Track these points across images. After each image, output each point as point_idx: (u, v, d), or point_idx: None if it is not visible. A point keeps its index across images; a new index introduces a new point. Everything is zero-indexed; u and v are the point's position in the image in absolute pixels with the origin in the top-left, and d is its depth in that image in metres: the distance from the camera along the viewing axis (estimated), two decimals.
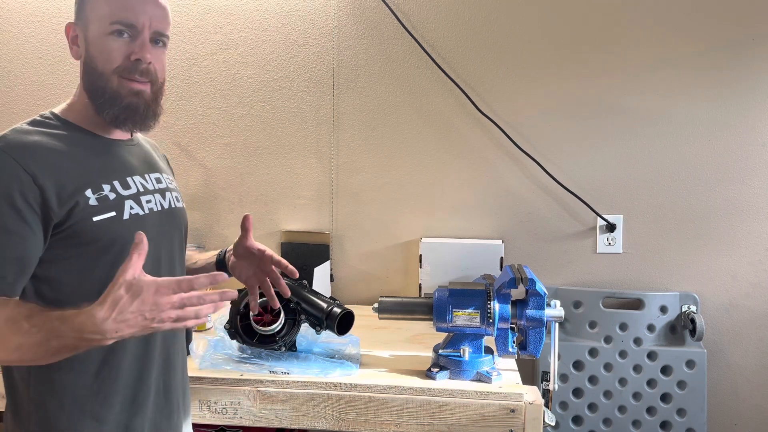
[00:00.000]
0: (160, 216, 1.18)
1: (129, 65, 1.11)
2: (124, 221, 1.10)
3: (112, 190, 1.10)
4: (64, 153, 1.07)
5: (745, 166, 1.99)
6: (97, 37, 1.11)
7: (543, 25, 2.02)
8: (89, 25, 1.12)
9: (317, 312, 1.53)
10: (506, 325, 1.44)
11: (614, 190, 2.04)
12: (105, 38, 1.10)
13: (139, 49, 1.11)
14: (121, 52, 1.10)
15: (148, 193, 1.17)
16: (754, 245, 2.01)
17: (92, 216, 1.06)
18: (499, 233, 2.08)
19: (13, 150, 1.02)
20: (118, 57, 1.10)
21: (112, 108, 1.11)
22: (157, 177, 1.22)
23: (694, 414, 1.95)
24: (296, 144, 2.14)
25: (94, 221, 1.06)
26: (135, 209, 1.12)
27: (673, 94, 1.99)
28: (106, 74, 1.11)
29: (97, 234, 1.06)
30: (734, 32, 1.95)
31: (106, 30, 1.10)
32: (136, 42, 1.11)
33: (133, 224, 1.10)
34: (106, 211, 1.08)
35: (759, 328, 2.03)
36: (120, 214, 1.09)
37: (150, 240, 1.05)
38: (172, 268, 1.22)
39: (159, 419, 1.16)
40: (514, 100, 2.04)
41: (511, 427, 1.35)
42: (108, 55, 1.10)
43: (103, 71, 1.11)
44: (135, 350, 1.11)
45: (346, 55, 2.09)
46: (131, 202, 1.12)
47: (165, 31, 1.15)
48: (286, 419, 1.41)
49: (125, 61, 1.11)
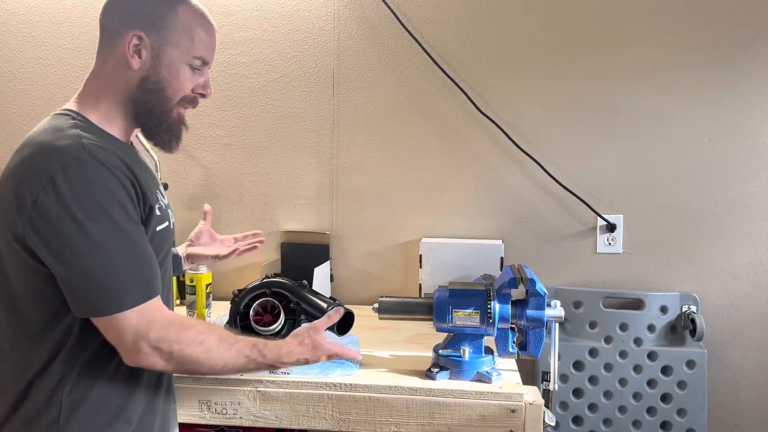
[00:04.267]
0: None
1: (193, 97, 1.17)
2: (170, 231, 1.19)
3: (162, 198, 1.18)
4: (128, 162, 1.07)
5: (745, 166, 1.99)
6: (175, 62, 1.12)
7: (543, 26, 2.02)
8: (167, 46, 1.11)
9: (317, 312, 1.53)
10: (506, 325, 1.44)
11: (614, 190, 2.04)
12: (183, 66, 1.14)
13: (205, 86, 1.18)
14: (192, 83, 1.16)
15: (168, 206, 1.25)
16: (754, 245, 2.01)
17: (156, 226, 1.11)
18: (499, 233, 2.08)
19: (108, 159, 1.02)
20: (188, 87, 1.15)
21: (168, 134, 1.16)
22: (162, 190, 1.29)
23: (694, 414, 1.95)
24: (296, 144, 2.14)
25: (158, 230, 1.12)
26: (172, 219, 1.22)
27: (673, 94, 1.99)
28: (173, 100, 1.14)
29: (157, 243, 1.11)
30: (734, 32, 1.95)
31: (187, 60, 1.13)
32: (204, 77, 1.18)
33: (171, 234, 1.20)
34: (164, 221, 1.15)
35: (759, 328, 2.03)
36: (169, 224, 1.18)
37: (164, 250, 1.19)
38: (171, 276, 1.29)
39: (165, 414, 1.20)
40: (515, 100, 2.04)
41: (511, 427, 1.35)
42: (181, 83, 1.14)
43: (171, 96, 1.14)
44: None
45: (346, 55, 2.09)
46: (170, 212, 1.22)
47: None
48: (286, 419, 1.41)
49: (191, 93, 1.16)
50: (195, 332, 1.07)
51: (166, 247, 1.18)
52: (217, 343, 1.09)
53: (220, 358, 1.09)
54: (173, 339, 1.03)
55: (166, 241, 1.16)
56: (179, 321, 1.07)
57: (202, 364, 1.07)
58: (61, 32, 2.17)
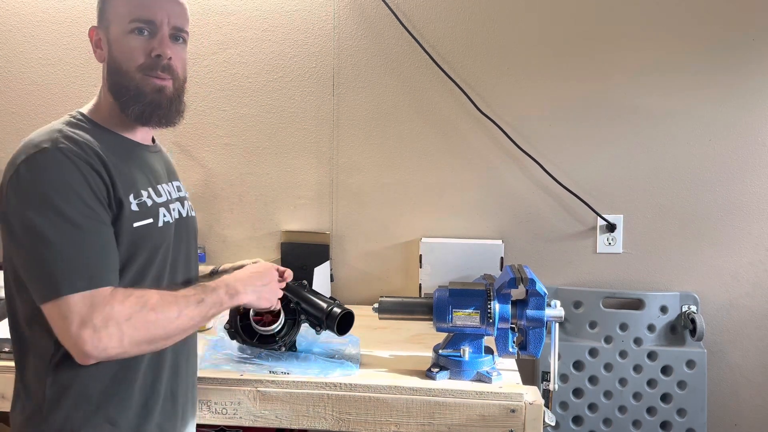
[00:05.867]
0: (179, 224, 1.21)
1: (151, 62, 1.12)
2: (158, 228, 1.13)
3: (149, 196, 1.13)
4: (109, 157, 1.08)
5: (745, 166, 1.99)
6: (118, 37, 1.13)
7: (543, 25, 2.02)
8: (110, 26, 1.13)
9: (317, 312, 1.53)
10: (506, 325, 1.44)
11: (614, 190, 2.04)
12: (126, 37, 1.12)
13: (159, 45, 1.12)
14: (142, 49, 1.12)
15: (173, 201, 1.21)
16: (754, 245, 2.01)
17: (133, 222, 1.08)
18: (499, 233, 2.08)
19: (72, 151, 1.03)
20: (139, 54, 1.12)
21: (136, 104, 1.13)
22: (177, 185, 1.27)
23: (694, 414, 1.95)
24: (296, 144, 2.14)
25: (135, 227, 1.09)
26: (166, 217, 1.16)
27: (673, 94, 1.99)
28: (130, 72, 1.12)
29: (134, 239, 1.08)
30: (734, 32, 1.95)
31: (126, 29, 1.12)
32: (155, 38, 1.13)
33: (164, 231, 1.15)
34: (145, 218, 1.11)
35: (759, 328, 2.03)
36: (156, 221, 1.13)
37: (170, 247, 1.16)
38: (188, 274, 1.25)
39: (165, 424, 1.17)
40: (515, 100, 2.04)
41: (511, 427, 1.35)
42: (130, 53, 1.12)
43: (127, 70, 1.12)
44: (149, 355, 1.12)
45: (346, 55, 2.09)
46: (164, 210, 1.16)
47: (184, 27, 1.17)
48: (286, 419, 1.41)
49: (147, 58, 1.12)
50: (135, 297, 1.02)
51: (151, 245, 1.12)
52: (160, 297, 1.04)
53: (170, 309, 1.04)
54: (117, 314, 0.98)
55: (150, 239, 1.11)
56: (120, 297, 1.01)
57: (155, 323, 1.02)
58: (61, 32, 2.17)
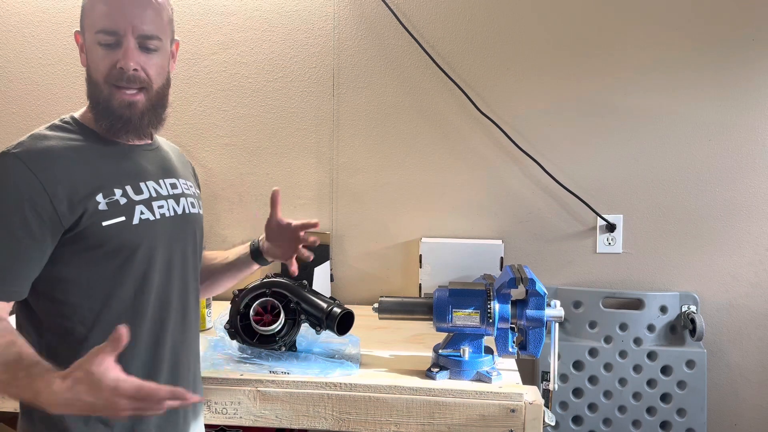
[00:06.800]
0: (173, 221, 1.18)
1: (116, 73, 1.09)
2: (133, 226, 1.10)
3: (123, 194, 1.10)
4: (78, 158, 1.08)
5: (745, 166, 1.99)
6: (90, 46, 1.11)
7: (543, 25, 2.02)
8: (85, 33, 1.12)
9: (317, 312, 1.53)
10: (506, 325, 1.44)
11: (614, 190, 2.04)
12: (94, 47, 1.10)
13: (122, 57, 1.08)
14: (107, 61, 1.09)
15: (161, 199, 1.17)
16: (754, 245, 2.01)
17: (102, 221, 1.07)
18: (499, 233, 2.08)
19: (27, 157, 1.03)
20: (104, 66, 1.09)
21: (106, 119, 1.11)
22: (172, 182, 1.22)
23: (694, 414, 1.95)
24: (296, 144, 2.14)
25: (104, 226, 1.07)
26: (146, 214, 1.12)
27: (673, 94, 1.99)
28: (99, 84, 1.10)
29: (105, 238, 1.07)
30: (734, 32, 1.95)
31: (93, 39, 1.09)
32: (120, 49, 1.08)
33: (143, 229, 1.11)
34: (115, 216, 1.08)
35: (759, 328, 2.03)
36: (129, 219, 1.10)
37: (162, 245, 1.15)
38: (185, 273, 1.22)
39: (164, 424, 1.16)
40: (514, 100, 2.04)
41: (511, 427, 1.35)
42: (97, 64, 1.10)
43: (97, 80, 1.11)
44: (144, 356, 1.12)
45: (346, 55, 2.09)
46: (142, 207, 1.12)
47: (154, 34, 1.11)
48: (286, 419, 1.41)
49: (112, 70, 1.09)
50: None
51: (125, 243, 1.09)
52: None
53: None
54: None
55: (122, 237, 1.08)
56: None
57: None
58: (61, 32, 2.17)
